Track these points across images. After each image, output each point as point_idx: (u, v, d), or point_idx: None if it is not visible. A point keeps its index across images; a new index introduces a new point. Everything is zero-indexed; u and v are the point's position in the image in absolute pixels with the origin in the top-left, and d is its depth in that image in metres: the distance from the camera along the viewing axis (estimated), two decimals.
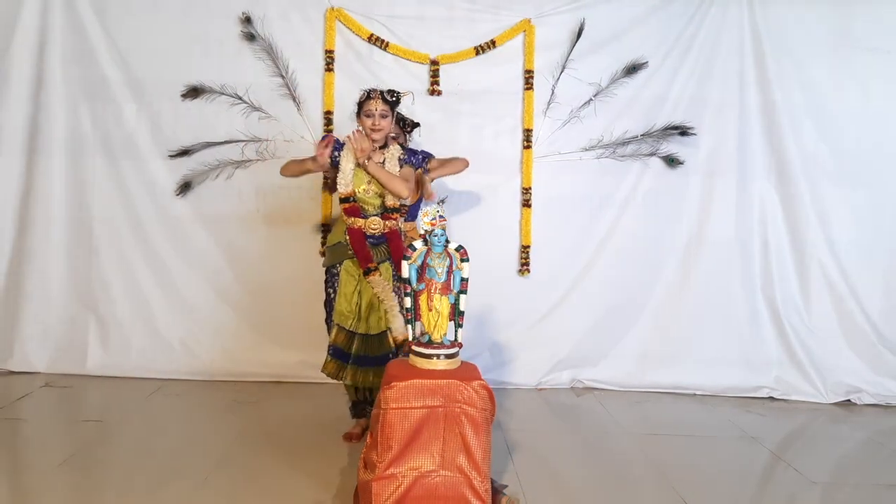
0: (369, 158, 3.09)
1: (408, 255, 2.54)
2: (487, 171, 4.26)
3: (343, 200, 3.16)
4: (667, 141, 4.27)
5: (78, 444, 3.14)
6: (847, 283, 4.29)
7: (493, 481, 2.56)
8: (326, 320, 3.28)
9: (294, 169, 3.24)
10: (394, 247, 3.19)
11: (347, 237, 3.16)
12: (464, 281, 2.54)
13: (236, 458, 3.06)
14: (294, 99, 4.17)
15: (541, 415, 3.90)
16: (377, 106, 3.09)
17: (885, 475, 3.17)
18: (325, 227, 4.21)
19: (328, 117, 4.18)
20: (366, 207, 3.16)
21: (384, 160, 3.16)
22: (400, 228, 3.27)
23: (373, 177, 3.12)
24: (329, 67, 4.18)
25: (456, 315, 2.56)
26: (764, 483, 3.13)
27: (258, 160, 4.14)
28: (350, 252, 3.16)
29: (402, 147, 3.29)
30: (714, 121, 4.29)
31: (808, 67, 4.24)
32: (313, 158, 3.10)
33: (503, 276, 4.30)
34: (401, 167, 3.18)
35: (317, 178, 4.12)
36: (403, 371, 2.49)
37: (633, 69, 4.23)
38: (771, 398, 4.26)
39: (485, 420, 2.47)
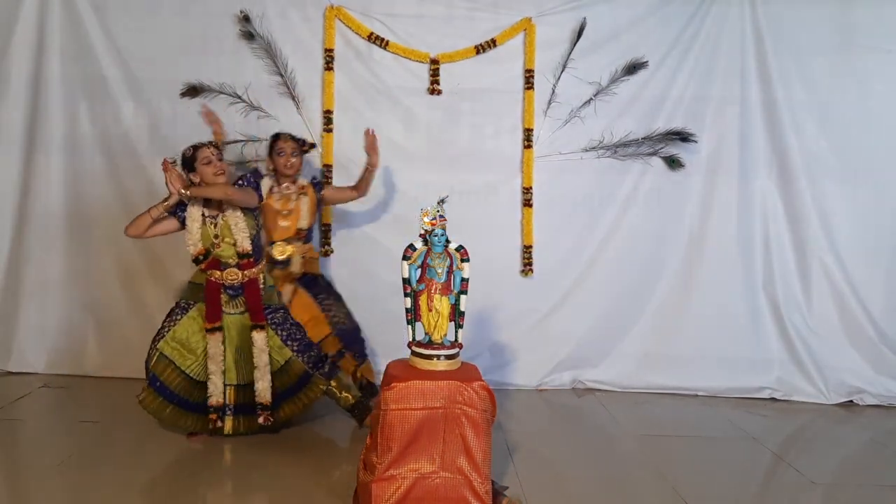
0: (187, 188, 3.07)
1: (408, 255, 2.53)
2: (488, 170, 4.26)
3: (196, 260, 3.18)
4: (668, 143, 4.25)
5: (76, 444, 3.13)
6: (849, 281, 4.27)
7: (493, 483, 2.55)
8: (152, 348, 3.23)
9: (141, 224, 3.10)
10: (248, 295, 3.20)
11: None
12: (464, 281, 2.53)
13: (235, 459, 3.04)
14: (293, 98, 4.15)
15: (542, 416, 3.89)
16: (206, 153, 3.12)
17: (887, 476, 3.16)
18: (326, 227, 4.20)
19: (327, 116, 4.17)
20: (223, 260, 3.17)
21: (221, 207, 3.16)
22: (262, 276, 3.27)
23: (201, 199, 3.12)
24: (328, 66, 4.17)
25: (456, 315, 2.55)
26: (765, 484, 3.12)
27: (257, 160, 4.12)
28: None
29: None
30: (715, 119, 4.27)
31: (809, 65, 4.22)
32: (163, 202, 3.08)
33: (503, 276, 4.28)
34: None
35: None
36: (403, 372, 2.48)
37: (633, 68, 4.22)
38: (773, 399, 4.25)
39: (485, 421, 2.46)
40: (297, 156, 3.66)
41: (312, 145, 3.82)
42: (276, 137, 3.68)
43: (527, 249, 4.29)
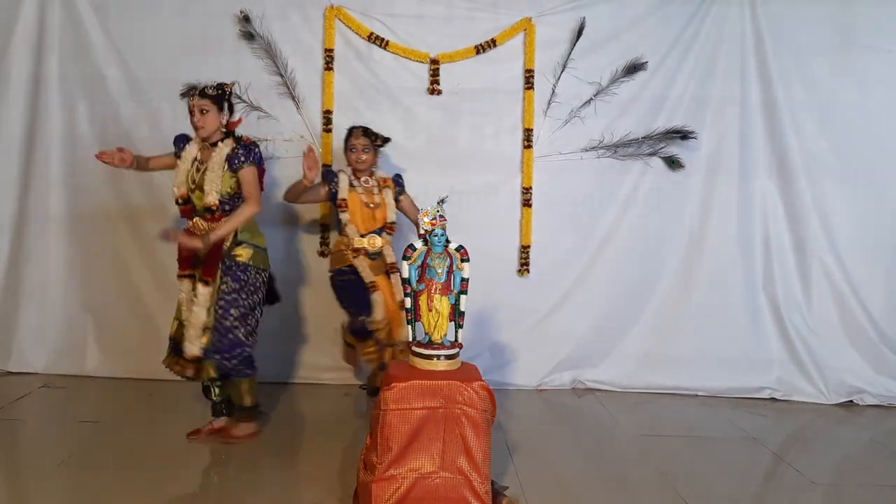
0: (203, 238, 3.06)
1: (408, 255, 2.53)
2: (488, 170, 4.25)
3: (177, 202, 3.19)
4: (668, 142, 4.25)
5: (76, 444, 3.13)
6: (849, 281, 4.28)
7: (493, 483, 2.55)
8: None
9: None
10: (209, 254, 3.10)
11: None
12: (464, 281, 2.53)
13: (235, 460, 3.04)
14: (293, 98, 4.15)
15: (542, 416, 3.89)
16: (199, 103, 3.07)
17: (887, 476, 3.16)
18: (325, 227, 4.20)
19: (327, 116, 4.17)
20: (197, 208, 3.15)
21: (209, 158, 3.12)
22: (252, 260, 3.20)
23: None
24: (328, 66, 4.16)
25: (456, 315, 2.55)
26: (765, 484, 3.11)
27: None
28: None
29: (238, 141, 3.17)
30: (715, 119, 4.27)
31: (809, 65, 4.23)
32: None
33: (504, 276, 4.28)
34: (232, 165, 3.09)
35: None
36: (403, 372, 2.48)
37: (633, 68, 4.21)
38: (773, 399, 4.25)
39: (485, 421, 2.45)
40: (368, 152, 3.57)
41: (387, 140, 3.67)
42: (350, 133, 3.61)
43: (524, 249, 4.28)
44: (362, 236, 3.53)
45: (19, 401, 3.73)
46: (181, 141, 3.20)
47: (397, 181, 3.69)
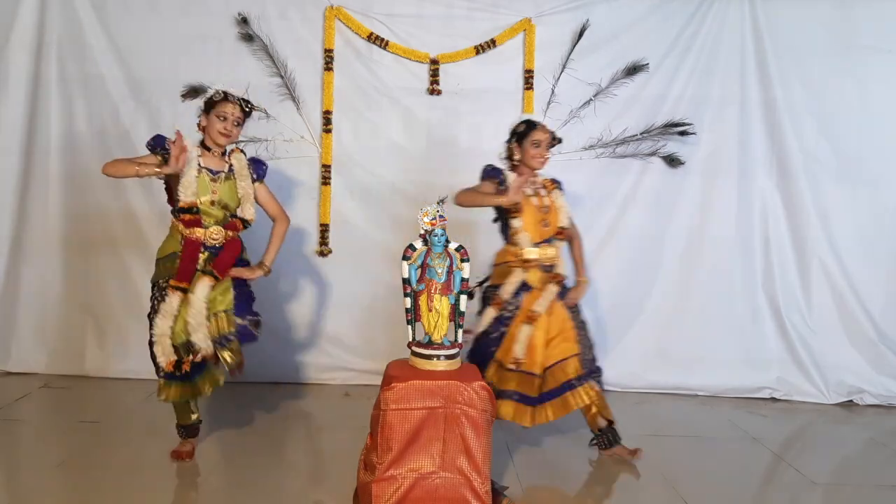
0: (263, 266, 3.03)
1: (408, 255, 2.53)
2: None
3: (180, 210, 2.92)
4: (667, 139, 4.25)
5: (76, 445, 3.13)
6: (848, 281, 4.28)
7: (493, 483, 2.55)
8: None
9: (123, 169, 2.82)
10: (226, 251, 2.96)
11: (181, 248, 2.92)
12: (464, 281, 2.53)
13: (235, 460, 3.04)
14: (293, 98, 4.15)
15: None
16: (234, 112, 2.90)
17: (887, 476, 3.16)
18: (324, 227, 4.20)
19: (327, 116, 4.17)
20: (206, 219, 2.93)
21: (230, 167, 3.00)
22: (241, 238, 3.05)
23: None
24: (328, 66, 4.16)
25: (456, 315, 2.54)
26: (765, 484, 3.12)
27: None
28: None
29: (244, 154, 3.10)
30: (715, 119, 4.27)
31: (809, 65, 4.23)
32: (160, 162, 2.79)
33: None
34: (252, 178, 3.04)
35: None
36: (403, 372, 2.48)
37: (633, 70, 4.21)
38: (773, 399, 4.25)
39: (485, 421, 2.45)
40: (548, 148, 3.13)
41: (559, 140, 3.21)
42: (532, 126, 3.10)
43: None
44: (535, 245, 3.09)
45: (19, 401, 3.73)
46: (162, 142, 2.88)
47: (558, 184, 3.26)
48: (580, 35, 4.19)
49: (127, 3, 4.10)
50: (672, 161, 4.26)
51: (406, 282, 2.53)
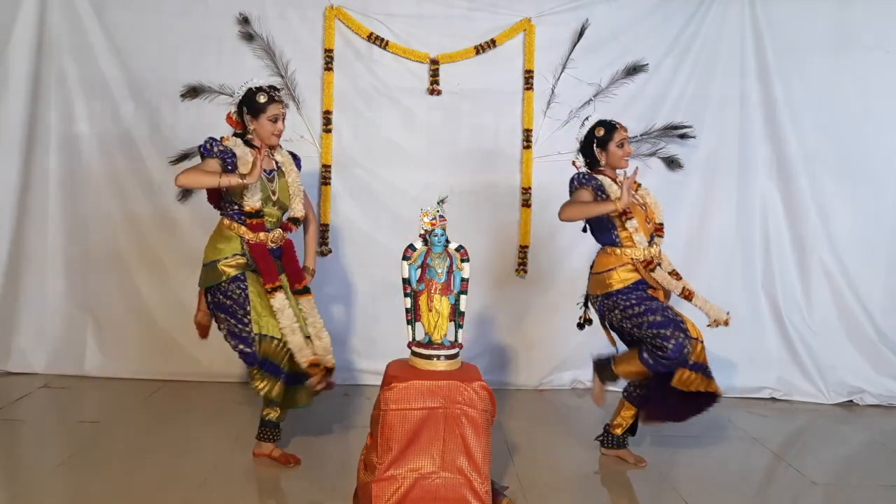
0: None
1: (408, 255, 2.53)
2: (487, 170, 4.25)
3: (247, 215, 2.85)
4: (667, 141, 4.25)
5: (76, 445, 3.13)
6: (848, 280, 4.28)
7: (493, 483, 2.55)
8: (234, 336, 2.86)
9: (201, 181, 2.77)
10: (287, 257, 2.97)
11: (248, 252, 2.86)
12: (464, 281, 2.53)
13: (235, 460, 3.04)
14: (293, 98, 4.15)
15: (542, 416, 3.89)
16: (282, 110, 2.88)
17: (887, 476, 3.16)
18: (324, 227, 4.20)
19: (327, 117, 4.17)
20: (268, 220, 2.91)
21: (279, 165, 2.97)
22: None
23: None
24: (328, 67, 4.16)
25: (456, 315, 2.54)
26: (766, 484, 3.12)
27: None
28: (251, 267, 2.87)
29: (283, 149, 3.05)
30: (715, 118, 4.28)
31: (808, 64, 4.23)
32: (241, 175, 2.70)
33: (504, 276, 4.28)
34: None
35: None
36: (403, 372, 2.48)
37: (633, 70, 4.21)
38: (773, 399, 4.25)
39: (485, 421, 2.45)
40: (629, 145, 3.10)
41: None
42: (613, 128, 3.09)
43: (522, 250, 4.28)
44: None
45: (19, 401, 3.73)
46: (215, 144, 2.82)
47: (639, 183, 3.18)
48: (580, 35, 4.19)
49: (127, 3, 4.10)
50: (671, 163, 4.26)
51: (406, 282, 2.53)
